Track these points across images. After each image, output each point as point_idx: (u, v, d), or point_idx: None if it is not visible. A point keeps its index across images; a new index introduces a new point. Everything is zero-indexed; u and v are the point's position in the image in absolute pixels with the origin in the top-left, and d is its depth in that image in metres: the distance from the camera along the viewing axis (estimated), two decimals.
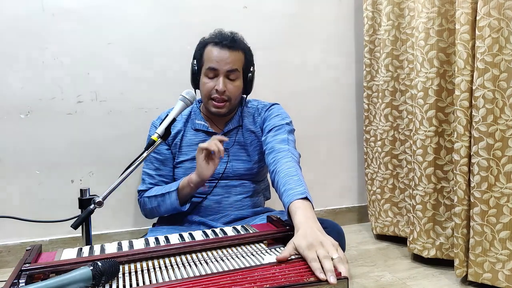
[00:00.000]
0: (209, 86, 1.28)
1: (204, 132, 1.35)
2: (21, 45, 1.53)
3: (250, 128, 1.38)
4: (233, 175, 1.33)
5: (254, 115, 1.39)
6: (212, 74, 1.28)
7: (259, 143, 1.36)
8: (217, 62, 1.27)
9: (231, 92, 1.29)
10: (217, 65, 1.27)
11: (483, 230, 1.30)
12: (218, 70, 1.27)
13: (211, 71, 1.28)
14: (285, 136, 1.26)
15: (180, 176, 1.33)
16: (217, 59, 1.27)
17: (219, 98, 1.28)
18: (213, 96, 1.28)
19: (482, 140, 1.28)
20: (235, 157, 1.34)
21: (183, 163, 1.33)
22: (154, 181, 1.34)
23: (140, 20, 1.66)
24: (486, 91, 1.27)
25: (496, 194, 1.28)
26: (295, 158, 1.17)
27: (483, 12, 1.25)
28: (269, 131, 1.30)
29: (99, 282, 0.74)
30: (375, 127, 1.84)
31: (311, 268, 0.75)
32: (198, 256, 0.89)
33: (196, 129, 1.35)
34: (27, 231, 1.59)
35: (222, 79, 1.27)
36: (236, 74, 1.30)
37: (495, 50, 1.25)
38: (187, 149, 1.34)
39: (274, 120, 1.33)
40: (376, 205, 1.84)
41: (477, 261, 1.32)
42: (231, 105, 1.31)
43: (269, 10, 1.84)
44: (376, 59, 1.82)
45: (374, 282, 1.42)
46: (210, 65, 1.28)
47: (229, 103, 1.30)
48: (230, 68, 1.28)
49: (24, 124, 1.56)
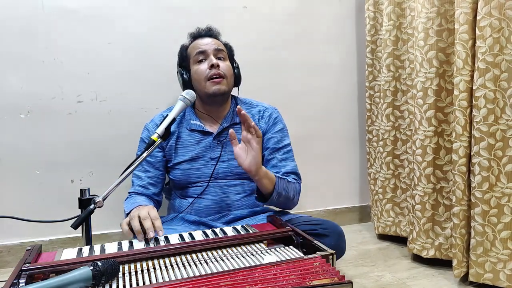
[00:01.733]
0: (202, 69, 1.31)
1: (200, 132, 1.35)
2: (21, 45, 1.53)
3: None
4: (232, 173, 1.32)
5: (256, 116, 1.39)
6: (201, 57, 1.32)
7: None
8: (203, 45, 1.33)
9: (224, 69, 1.32)
10: (204, 47, 1.33)
11: (484, 230, 1.30)
12: (206, 51, 1.32)
13: (200, 54, 1.32)
14: (294, 164, 1.36)
15: (179, 177, 1.33)
16: (202, 43, 1.34)
17: (216, 74, 1.29)
18: (209, 75, 1.29)
19: (483, 140, 1.28)
20: (233, 155, 1.34)
21: (181, 164, 1.33)
22: (142, 183, 1.33)
23: (140, 20, 1.65)
24: (487, 91, 1.27)
25: (497, 194, 1.28)
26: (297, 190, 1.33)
27: (484, 12, 1.25)
28: (277, 150, 1.35)
29: (99, 282, 0.75)
30: (377, 127, 1.84)
31: None
32: (198, 256, 0.89)
33: (192, 130, 1.35)
34: (27, 231, 1.59)
35: (213, 57, 1.31)
36: (223, 54, 1.35)
37: (496, 50, 1.25)
38: (183, 151, 1.34)
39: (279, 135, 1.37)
40: (378, 205, 1.84)
41: (478, 262, 1.32)
42: (229, 85, 1.33)
43: (269, 10, 1.84)
44: (378, 59, 1.82)
45: (374, 282, 1.42)
46: (197, 50, 1.32)
47: (225, 80, 1.31)
48: (217, 47, 1.33)
49: (24, 124, 1.56)
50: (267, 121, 1.39)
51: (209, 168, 1.31)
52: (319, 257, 0.82)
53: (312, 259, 0.81)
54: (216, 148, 1.33)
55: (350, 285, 0.72)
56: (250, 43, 1.81)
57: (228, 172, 1.32)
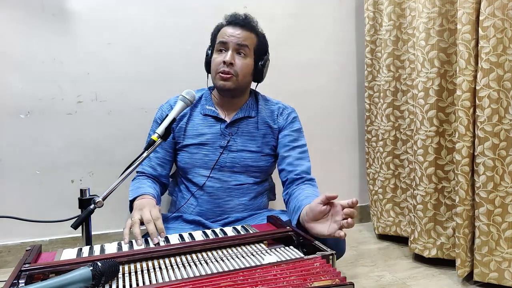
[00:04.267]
0: (218, 61, 1.29)
1: (214, 118, 1.34)
2: (21, 45, 1.53)
3: (268, 122, 1.37)
4: (240, 165, 1.31)
5: (275, 112, 1.39)
6: (222, 47, 1.30)
7: (273, 139, 1.37)
8: (227, 36, 1.29)
9: (238, 67, 1.28)
10: (227, 38, 1.29)
11: (489, 230, 1.30)
12: (227, 43, 1.29)
13: (221, 45, 1.30)
14: (309, 165, 1.35)
15: (185, 160, 1.32)
16: (228, 34, 1.30)
17: (226, 71, 1.27)
18: (220, 70, 1.28)
19: (488, 140, 1.28)
20: (243, 147, 1.32)
21: (189, 147, 1.32)
22: (150, 163, 1.33)
23: (140, 20, 1.65)
24: (491, 91, 1.27)
25: (501, 194, 1.28)
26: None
27: (488, 12, 1.25)
28: (293, 148, 1.35)
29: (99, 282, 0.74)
30: (376, 127, 1.84)
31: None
32: (198, 256, 0.89)
33: (206, 114, 1.34)
34: (27, 231, 1.58)
35: (231, 52, 1.28)
36: (246, 51, 1.30)
37: (499, 50, 1.25)
38: (193, 133, 1.33)
39: (296, 134, 1.38)
40: (378, 205, 1.83)
41: (483, 261, 1.32)
42: (239, 83, 1.29)
43: (269, 10, 1.83)
44: (378, 59, 1.82)
45: (374, 282, 1.42)
46: (221, 39, 1.30)
47: (236, 78, 1.28)
48: (240, 42, 1.29)
49: (24, 124, 1.56)
50: (285, 118, 1.39)
51: (217, 156, 1.30)
52: (319, 257, 0.82)
53: (312, 260, 0.81)
54: (226, 137, 1.32)
55: (351, 286, 0.72)
56: None
57: (235, 162, 1.30)
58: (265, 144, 1.35)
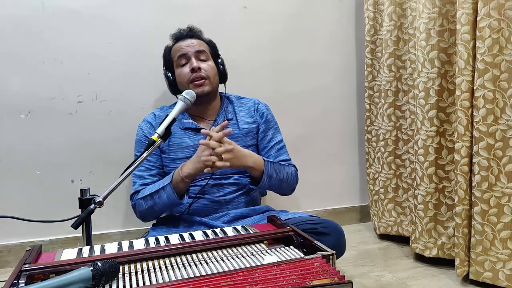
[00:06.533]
0: (185, 72, 1.34)
1: (193, 130, 1.37)
2: (21, 45, 1.53)
3: (247, 121, 1.41)
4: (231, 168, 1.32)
5: (251, 108, 1.44)
6: (183, 60, 1.35)
7: (256, 136, 1.42)
8: (184, 48, 1.36)
9: (206, 70, 1.35)
10: (185, 49, 1.35)
11: (483, 230, 1.30)
12: (187, 54, 1.35)
13: (182, 58, 1.35)
14: (287, 157, 1.42)
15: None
16: (183, 46, 1.36)
17: (197, 77, 1.32)
18: (191, 78, 1.32)
19: (483, 140, 1.28)
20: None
21: (178, 161, 1.33)
22: (145, 181, 1.33)
23: (140, 20, 1.65)
24: (486, 91, 1.26)
25: (497, 194, 1.28)
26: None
27: (483, 13, 1.25)
28: (271, 147, 1.41)
29: (99, 282, 0.74)
30: (376, 127, 1.84)
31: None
32: (198, 256, 0.88)
33: (185, 128, 1.37)
34: (27, 231, 1.58)
35: (194, 59, 1.34)
36: (205, 55, 1.37)
37: (495, 51, 1.25)
38: (177, 147, 1.35)
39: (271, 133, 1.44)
40: (379, 205, 1.83)
41: (478, 260, 1.32)
42: (212, 84, 1.35)
43: (269, 10, 1.83)
44: (378, 59, 1.82)
45: (374, 282, 1.42)
46: (179, 54, 1.35)
47: (208, 80, 1.34)
48: (198, 49, 1.36)
49: (24, 124, 1.56)
50: (261, 116, 1.44)
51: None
52: (319, 257, 0.82)
53: (312, 259, 0.81)
54: None
55: (350, 285, 0.72)
56: (250, 43, 1.81)
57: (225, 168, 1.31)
58: (249, 141, 1.40)
